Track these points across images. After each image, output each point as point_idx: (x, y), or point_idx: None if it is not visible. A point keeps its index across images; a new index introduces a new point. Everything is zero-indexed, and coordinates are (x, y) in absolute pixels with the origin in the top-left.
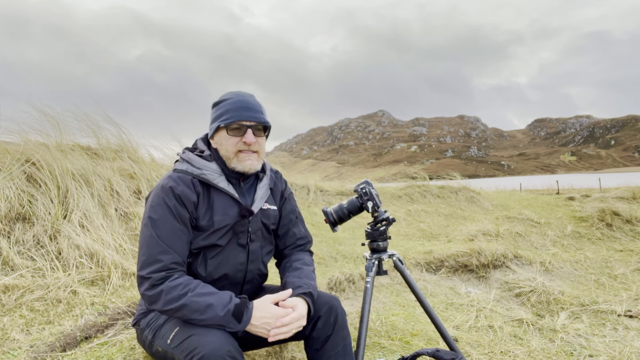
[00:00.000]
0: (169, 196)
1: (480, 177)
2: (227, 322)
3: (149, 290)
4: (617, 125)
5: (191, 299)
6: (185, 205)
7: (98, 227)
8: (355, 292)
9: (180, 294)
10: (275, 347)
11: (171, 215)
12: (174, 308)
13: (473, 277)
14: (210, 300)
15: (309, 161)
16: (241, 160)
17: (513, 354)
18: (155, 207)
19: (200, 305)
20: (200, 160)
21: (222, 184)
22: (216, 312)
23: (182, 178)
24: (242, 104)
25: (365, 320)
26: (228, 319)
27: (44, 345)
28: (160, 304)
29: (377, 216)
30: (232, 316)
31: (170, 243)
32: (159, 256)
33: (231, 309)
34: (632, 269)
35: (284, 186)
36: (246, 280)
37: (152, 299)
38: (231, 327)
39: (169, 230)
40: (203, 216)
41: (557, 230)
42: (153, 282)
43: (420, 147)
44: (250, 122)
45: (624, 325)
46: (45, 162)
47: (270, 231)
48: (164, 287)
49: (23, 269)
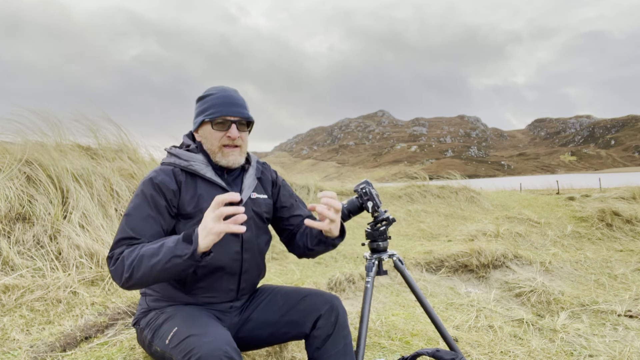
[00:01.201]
0: (147, 186)
1: (480, 177)
2: (182, 250)
3: (112, 266)
4: (617, 125)
5: (144, 249)
6: (164, 192)
7: (98, 227)
8: (355, 292)
9: (136, 253)
10: (275, 347)
11: (145, 202)
12: (135, 266)
13: (473, 277)
14: (161, 241)
15: (309, 161)
16: (225, 155)
17: (513, 354)
18: (134, 198)
19: (153, 249)
20: (186, 153)
21: (209, 174)
22: (168, 246)
23: (163, 169)
24: (226, 99)
25: (365, 320)
26: (180, 246)
27: (44, 345)
28: (123, 272)
29: (377, 216)
30: (182, 242)
31: (136, 228)
32: (122, 241)
33: (180, 237)
34: (632, 269)
35: (274, 175)
36: (243, 271)
37: (117, 272)
38: (186, 251)
39: (140, 216)
40: (188, 202)
41: (557, 230)
42: (115, 256)
43: (420, 147)
44: (235, 117)
45: (624, 325)
46: (45, 162)
47: (265, 220)
48: (124, 255)
49: (23, 269)
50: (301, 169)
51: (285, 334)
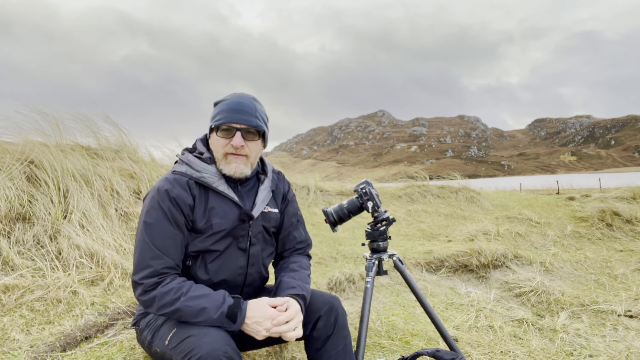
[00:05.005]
0: (164, 199)
1: (480, 177)
2: (222, 324)
3: (142, 296)
4: (617, 125)
5: (184, 304)
6: (181, 208)
7: (98, 227)
8: (355, 292)
9: (173, 298)
10: (275, 347)
11: (165, 219)
12: (168, 312)
13: (473, 277)
14: (204, 304)
15: (309, 161)
16: (228, 163)
17: (513, 354)
18: (150, 211)
19: (193, 310)
20: (199, 163)
21: (221, 187)
22: (210, 315)
23: (178, 180)
24: (235, 105)
25: (365, 320)
26: (222, 320)
27: (44, 345)
28: (154, 308)
29: (377, 216)
30: (226, 317)
31: (162, 248)
32: (151, 262)
33: (224, 311)
34: (632, 269)
35: (287, 188)
36: (246, 284)
37: (147, 304)
38: (226, 326)
39: (162, 234)
40: (200, 219)
41: (557, 230)
42: (145, 287)
43: (420, 147)
44: (240, 124)
45: (624, 325)
46: (45, 162)
47: (271, 234)
48: (157, 293)
49: (23, 269)
50: (301, 169)
51: None
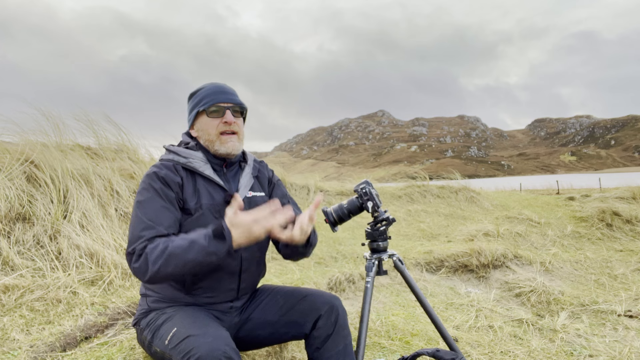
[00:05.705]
0: (154, 179)
1: (480, 177)
2: (216, 247)
3: (135, 263)
4: (617, 125)
5: (173, 246)
6: (170, 186)
7: (98, 227)
8: (355, 292)
9: (161, 248)
10: (275, 347)
11: (157, 195)
12: (162, 263)
13: (473, 277)
14: (190, 237)
15: (309, 161)
16: (223, 142)
17: (513, 354)
18: (142, 192)
19: (183, 247)
20: (185, 150)
21: (207, 172)
22: (200, 243)
23: (164, 164)
24: (217, 88)
25: (365, 320)
26: (213, 243)
27: (44, 345)
28: (149, 268)
29: (377, 216)
30: (214, 239)
31: (154, 218)
32: (142, 232)
33: (210, 234)
34: (632, 269)
35: (271, 173)
36: (243, 270)
37: (141, 269)
38: (221, 249)
39: (154, 208)
40: (190, 198)
41: (557, 230)
42: (137, 252)
43: (420, 147)
44: (228, 103)
45: (624, 325)
46: (45, 162)
47: None
48: (147, 251)
49: (23, 269)
50: (301, 169)
51: (285, 334)
